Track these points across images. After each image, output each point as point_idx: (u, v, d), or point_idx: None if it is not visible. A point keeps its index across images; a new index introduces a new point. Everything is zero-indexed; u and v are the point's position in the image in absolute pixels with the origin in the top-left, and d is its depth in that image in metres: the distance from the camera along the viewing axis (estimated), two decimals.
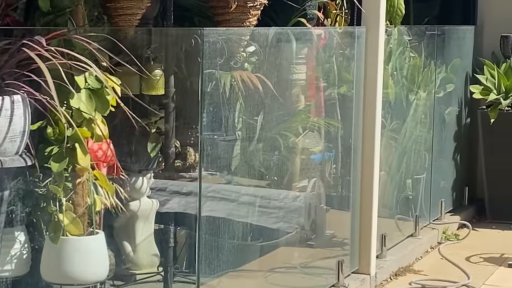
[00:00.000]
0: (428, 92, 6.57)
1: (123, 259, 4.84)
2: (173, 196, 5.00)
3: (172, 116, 4.74)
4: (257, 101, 4.62)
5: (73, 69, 3.63)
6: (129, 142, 4.72)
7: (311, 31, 5.07)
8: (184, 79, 4.73)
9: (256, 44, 4.61)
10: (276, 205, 5.01)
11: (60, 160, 3.71)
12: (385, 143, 5.85)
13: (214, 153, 4.38)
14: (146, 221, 4.89)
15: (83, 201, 3.91)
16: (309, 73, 5.22)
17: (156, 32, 4.61)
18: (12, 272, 3.91)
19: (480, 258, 6.15)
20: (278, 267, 4.98)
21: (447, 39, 6.90)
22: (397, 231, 6.14)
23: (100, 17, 4.24)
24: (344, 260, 5.14)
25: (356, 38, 5.22)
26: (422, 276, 5.69)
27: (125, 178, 4.43)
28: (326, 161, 5.43)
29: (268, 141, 4.83)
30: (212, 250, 4.19)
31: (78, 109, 3.69)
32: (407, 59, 6.26)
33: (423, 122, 6.50)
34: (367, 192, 5.34)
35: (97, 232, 3.95)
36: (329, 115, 5.31)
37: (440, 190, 6.91)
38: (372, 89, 5.28)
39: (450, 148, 7.14)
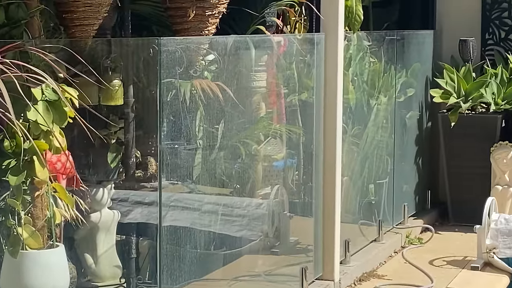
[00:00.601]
0: (389, 96, 6.60)
1: (85, 272, 4.81)
2: (135, 207, 4.98)
3: (132, 126, 4.72)
4: (217, 110, 4.61)
5: (29, 81, 3.60)
6: (89, 153, 4.69)
7: (270, 39, 5.07)
8: (144, 88, 4.72)
9: (215, 52, 4.61)
10: (239, 213, 5.00)
11: (17, 173, 3.66)
12: (346, 148, 5.87)
13: (175, 162, 4.36)
14: (108, 232, 4.86)
15: (43, 214, 3.87)
16: (269, 80, 5.22)
17: (113, 42, 4.58)
18: None
19: (443, 261, 6.19)
20: (242, 276, 4.97)
21: (406, 44, 6.94)
22: (360, 236, 6.16)
23: (57, 28, 4.21)
24: (308, 267, 5.14)
25: (315, 45, 5.23)
26: (386, 281, 5.72)
27: (85, 189, 4.40)
28: (288, 168, 5.43)
29: (230, 149, 4.82)
30: (174, 260, 4.17)
31: (35, 122, 3.65)
32: (367, 64, 6.28)
33: (384, 126, 6.53)
34: (330, 198, 5.35)
35: (57, 245, 3.91)
36: (290, 122, 5.32)
37: (402, 194, 6.94)
38: (332, 95, 5.29)
39: (411, 152, 7.18)
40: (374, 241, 6.30)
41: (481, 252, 6.02)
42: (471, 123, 7.07)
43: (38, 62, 3.64)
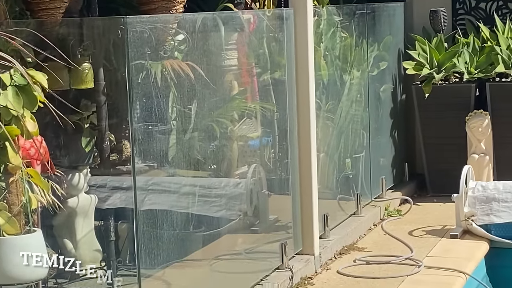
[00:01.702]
0: (362, 71, 6.64)
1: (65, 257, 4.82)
2: (113, 192, 4.99)
3: (105, 109, 4.72)
4: (190, 90, 4.62)
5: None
6: (63, 138, 4.70)
7: (239, 16, 5.08)
8: (114, 71, 4.72)
9: (184, 31, 4.61)
10: (217, 193, 5.02)
11: None
12: (321, 124, 5.90)
13: (149, 145, 4.37)
14: (86, 217, 4.87)
15: (18, 200, 3.88)
16: (241, 58, 5.23)
17: (80, 24, 4.58)
18: None
19: (422, 232, 6.25)
20: (223, 255, 4.99)
21: (377, 17, 6.97)
22: (339, 210, 6.20)
23: (23, 13, 4.20)
24: (288, 243, 5.18)
25: (284, 20, 5.25)
26: (366, 253, 5.76)
27: (61, 175, 4.41)
28: (264, 146, 5.45)
29: (204, 129, 4.83)
30: (152, 241, 4.19)
31: (5, 107, 3.65)
32: (338, 39, 6.31)
33: (359, 101, 6.57)
34: (306, 174, 5.39)
35: (34, 230, 3.93)
36: (264, 99, 5.33)
37: (380, 168, 6.99)
38: (304, 70, 5.31)
39: (387, 125, 7.23)
40: (353, 215, 6.35)
41: (459, 220, 6.08)
42: (445, 94, 7.11)
43: (5, 47, 3.63)
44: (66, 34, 4.48)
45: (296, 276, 5.10)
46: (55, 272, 4.56)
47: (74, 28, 4.53)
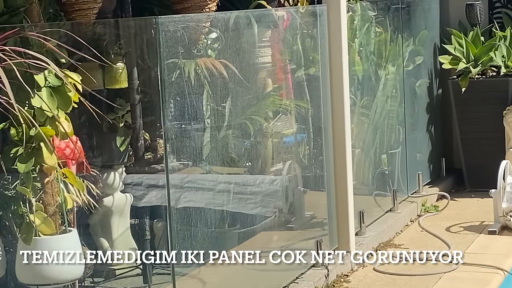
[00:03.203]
0: (397, 66, 6.60)
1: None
2: (148, 190, 5.02)
3: (139, 108, 4.76)
4: (223, 88, 4.64)
5: (32, 68, 3.64)
6: (98, 138, 4.74)
7: (272, 13, 5.08)
8: (148, 70, 4.75)
9: (217, 30, 4.63)
10: (252, 190, 5.03)
11: (26, 161, 3.71)
12: (356, 120, 5.88)
13: (182, 143, 4.40)
14: (121, 216, 4.91)
15: (54, 200, 3.92)
16: (274, 55, 5.23)
17: (113, 24, 4.61)
18: None
19: (460, 228, 6.20)
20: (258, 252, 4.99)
21: (412, 11, 6.93)
22: (375, 207, 6.18)
23: (57, 14, 4.24)
24: (323, 240, 5.17)
25: (318, 17, 5.24)
26: (403, 249, 5.72)
27: (96, 174, 4.45)
28: (299, 143, 5.45)
29: (238, 127, 4.85)
30: (187, 239, 4.20)
31: (40, 108, 3.69)
32: (373, 34, 6.28)
33: (394, 96, 6.53)
34: (341, 170, 5.37)
35: (70, 230, 3.97)
36: (298, 97, 5.33)
37: (416, 163, 6.95)
38: (338, 67, 5.30)
39: (423, 121, 7.19)
40: (389, 211, 6.32)
41: (497, 216, 6.04)
42: (482, 88, 7.06)
43: (39, 49, 3.67)
44: (99, 35, 4.52)
45: (332, 274, 5.09)
46: (91, 271, 4.61)
47: (107, 28, 4.56)
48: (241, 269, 4.83)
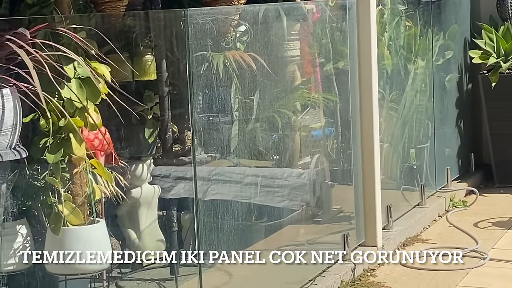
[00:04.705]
0: (427, 60, 6.57)
1: (129, 247, 4.89)
2: (176, 182, 5.04)
3: (167, 100, 4.78)
4: (251, 80, 4.64)
5: (61, 60, 3.67)
6: (126, 130, 4.76)
7: (301, 6, 5.08)
8: (176, 62, 4.76)
9: (246, 23, 4.63)
10: (280, 183, 5.04)
11: (55, 151, 3.74)
12: (385, 114, 5.87)
13: (210, 135, 4.41)
14: (149, 207, 4.93)
15: (82, 190, 3.95)
16: (303, 48, 5.22)
17: (143, 17, 4.63)
18: (16, 266, 3.96)
19: (488, 223, 6.18)
20: (285, 245, 4.99)
21: (442, 5, 6.89)
22: (403, 201, 6.17)
23: (87, 5, 4.26)
24: (350, 234, 5.16)
25: (347, 10, 5.23)
26: (430, 245, 5.72)
27: (125, 165, 4.48)
28: (327, 136, 5.45)
29: (266, 120, 4.85)
30: (214, 232, 4.22)
31: (70, 99, 3.72)
32: (403, 28, 6.25)
33: (423, 90, 6.51)
34: (369, 164, 5.36)
35: (98, 220, 4.00)
36: (326, 90, 5.33)
37: (445, 158, 6.92)
38: (366, 60, 5.28)
39: (452, 115, 7.15)
40: (417, 205, 6.30)
41: None
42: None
43: (69, 40, 3.69)
44: (129, 27, 4.54)
45: (358, 268, 5.09)
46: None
47: (137, 21, 4.58)
48: (267, 262, 4.85)
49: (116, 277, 4.66)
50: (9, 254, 3.92)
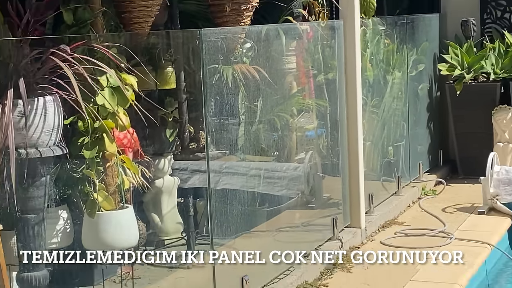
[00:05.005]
0: (402, 72, 6.55)
1: (153, 228, 4.88)
2: (192, 174, 5.03)
3: (185, 106, 4.77)
4: (255, 89, 4.62)
5: (96, 72, 3.66)
6: (150, 130, 4.75)
7: (297, 27, 5.06)
8: (193, 73, 4.75)
9: (251, 40, 4.61)
10: (279, 175, 5.02)
11: (91, 148, 3.75)
12: (367, 117, 5.85)
13: (221, 135, 4.39)
14: (170, 195, 4.93)
15: (114, 181, 3.95)
16: (299, 62, 5.20)
17: (165, 35, 4.61)
18: (59, 244, 3.96)
19: (454, 209, 6.16)
20: (283, 227, 4.99)
21: (416, 26, 6.87)
22: (382, 190, 6.15)
23: (118, 26, 4.25)
24: (338, 217, 5.15)
25: (336, 30, 5.21)
26: (405, 227, 5.70)
27: (149, 160, 4.47)
28: (318, 136, 5.43)
29: (267, 122, 4.83)
30: (224, 216, 4.20)
31: (103, 105, 3.71)
32: (382, 45, 6.24)
33: (399, 97, 6.49)
34: (354, 159, 5.35)
35: (126, 206, 3.99)
36: (318, 97, 5.30)
37: (417, 154, 6.90)
38: (352, 72, 5.27)
39: (424, 118, 7.13)
40: (394, 194, 6.28)
41: (486, 199, 5.98)
42: (474, 91, 6.97)
43: (103, 55, 3.68)
44: (153, 44, 4.53)
45: (345, 246, 5.07)
46: (145, 241, 4.63)
47: (159, 39, 4.57)
48: (270, 241, 4.84)
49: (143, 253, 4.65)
50: (52, 234, 3.92)
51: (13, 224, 3.63)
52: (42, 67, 3.44)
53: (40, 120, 3.35)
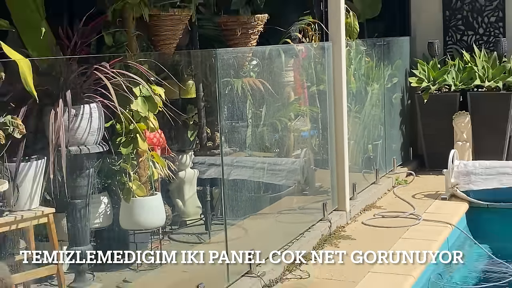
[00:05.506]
0: (380, 84, 6.52)
1: (177, 211, 4.88)
2: (209, 167, 5.02)
3: (203, 111, 4.76)
4: (260, 98, 4.62)
5: (131, 83, 3.65)
6: (175, 131, 4.75)
7: (294, 48, 5.05)
8: (209, 85, 4.74)
9: (256, 58, 4.61)
10: (280, 168, 5.01)
11: (127, 146, 3.75)
12: (351, 121, 5.82)
13: (232, 135, 4.38)
14: (191, 184, 4.92)
15: (145, 173, 3.95)
16: (295, 76, 5.20)
17: (186, 54, 4.61)
18: (101, 224, 3.96)
19: (421, 195, 6.13)
20: (283, 210, 4.98)
21: (390, 47, 6.84)
22: (363, 180, 6.12)
23: (149, 46, 4.25)
24: (327, 202, 5.14)
25: (325, 50, 5.19)
26: (382, 210, 5.68)
27: (174, 156, 4.46)
28: (311, 136, 5.41)
29: (270, 125, 4.82)
30: (235, 201, 4.20)
31: (136, 111, 3.71)
32: (363, 62, 6.21)
33: (377, 105, 6.46)
34: (340, 155, 5.33)
35: (156, 193, 3.99)
36: (312, 104, 5.29)
37: (392, 151, 6.87)
38: (338, 84, 5.25)
39: (397, 122, 7.09)
40: (373, 183, 6.24)
41: (448, 188, 5.95)
42: (438, 99, 6.94)
43: (136, 70, 3.68)
44: (177, 61, 4.52)
45: (333, 226, 5.06)
46: (170, 221, 4.63)
47: (182, 57, 4.57)
48: (273, 222, 4.83)
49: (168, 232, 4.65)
50: (95, 216, 3.92)
51: (64, 208, 3.64)
52: (87, 80, 3.45)
53: (86, 123, 3.36)
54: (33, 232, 3.47)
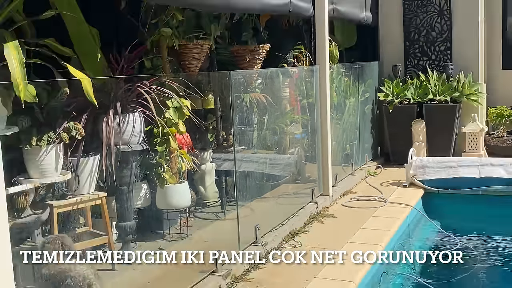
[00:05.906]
0: (355, 98, 6.51)
1: (200, 195, 4.88)
2: (224, 161, 5.02)
3: (220, 119, 4.76)
4: (264, 108, 4.62)
5: (165, 97, 3.66)
6: (199, 134, 4.75)
7: (289, 70, 5.05)
8: (224, 99, 4.75)
9: (261, 78, 4.61)
10: (278, 162, 5.01)
11: (161, 145, 3.75)
12: (334, 126, 5.82)
13: (242, 137, 4.39)
14: (210, 175, 4.91)
15: (175, 166, 3.95)
16: (290, 92, 5.20)
17: (207, 75, 4.62)
18: (141, 204, 3.97)
19: (388, 183, 6.11)
20: (281, 195, 4.98)
21: (364, 69, 6.82)
22: (343, 172, 6.11)
23: (179, 69, 4.26)
24: (315, 189, 5.13)
25: (314, 72, 5.19)
26: (357, 194, 5.66)
27: (198, 153, 4.46)
28: (303, 138, 5.41)
29: (271, 129, 4.83)
30: (244, 188, 4.20)
31: (169, 118, 3.71)
32: (343, 81, 6.21)
33: (353, 114, 6.45)
34: (325, 152, 5.32)
35: (183, 181, 3.99)
36: (302, 113, 5.29)
37: (365, 149, 6.86)
38: (324, 98, 5.25)
39: (369, 127, 7.08)
40: (350, 174, 6.22)
41: (408, 178, 5.94)
42: (400, 110, 6.92)
43: (169, 87, 3.69)
44: (200, 80, 4.53)
45: (319, 207, 5.06)
46: (195, 203, 4.63)
47: (204, 77, 4.58)
48: (273, 203, 4.83)
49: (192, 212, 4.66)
50: (137, 199, 3.93)
51: (113, 192, 3.65)
52: (131, 95, 3.46)
53: (130, 127, 3.37)
54: (90, 211, 3.50)
